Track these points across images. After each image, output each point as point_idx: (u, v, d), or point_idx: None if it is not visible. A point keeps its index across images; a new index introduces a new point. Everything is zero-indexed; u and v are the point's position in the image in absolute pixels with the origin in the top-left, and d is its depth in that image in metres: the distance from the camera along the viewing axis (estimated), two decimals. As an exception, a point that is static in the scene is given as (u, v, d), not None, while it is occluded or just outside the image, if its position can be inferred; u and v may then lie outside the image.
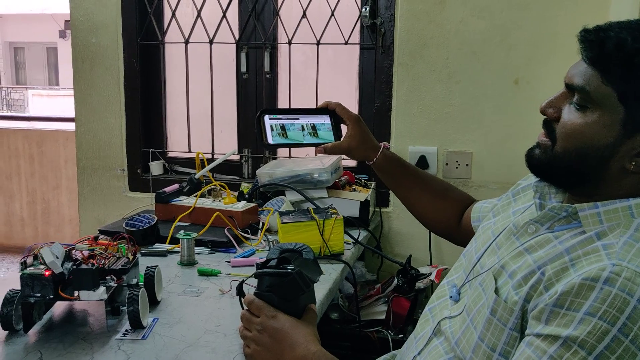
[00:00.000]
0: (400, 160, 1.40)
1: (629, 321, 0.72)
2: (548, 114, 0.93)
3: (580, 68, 0.88)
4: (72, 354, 1.00)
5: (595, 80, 0.85)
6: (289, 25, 2.28)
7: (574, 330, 0.74)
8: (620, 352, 0.71)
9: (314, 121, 1.40)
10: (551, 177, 0.96)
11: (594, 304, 0.74)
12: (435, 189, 1.40)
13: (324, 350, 0.98)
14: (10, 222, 5.03)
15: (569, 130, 0.88)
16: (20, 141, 4.92)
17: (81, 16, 2.39)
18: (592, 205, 0.87)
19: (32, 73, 20.11)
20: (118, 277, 1.13)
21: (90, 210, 2.51)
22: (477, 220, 1.29)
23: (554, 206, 0.92)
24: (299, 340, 0.98)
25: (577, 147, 0.88)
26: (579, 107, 0.88)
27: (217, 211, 1.70)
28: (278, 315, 1.01)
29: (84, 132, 2.46)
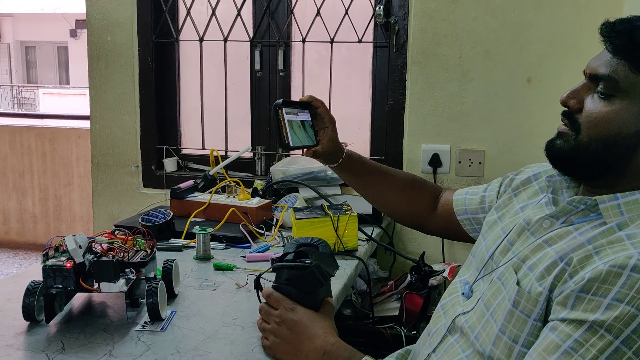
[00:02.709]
0: (362, 158, 1.38)
1: None
2: (570, 105, 0.93)
3: (605, 58, 0.88)
4: (93, 344, 1.02)
5: (623, 69, 0.85)
6: (303, 24, 2.29)
7: (601, 315, 0.74)
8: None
9: (304, 118, 1.29)
10: (573, 168, 0.95)
11: (621, 290, 0.74)
12: (401, 182, 1.39)
13: (342, 341, 1.00)
14: (22, 219, 5.08)
15: (596, 119, 0.88)
16: (32, 139, 4.96)
17: (97, 14, 2.41)
18: (612, 197, 0.87)
19: (43, 72, 20.24)
20: (137, 270, 1.14)
21: (104, 206, 2.53)
22: (464, 213, 1.28)
23: (573, 199, 0.92)
24: (317, 332, 0.99)
25: (604, 136, 0.88)
26: (603, 96, 0.88)
27: (232, 207, 1.71)
28: (296, 308, 1.02)
29: (98, 129, 2.49)
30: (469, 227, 1.29)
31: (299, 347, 0.99)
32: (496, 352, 0.89)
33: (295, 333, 1.00)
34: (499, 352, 0.89)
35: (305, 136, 1.27)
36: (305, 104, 1.29)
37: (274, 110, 1.22)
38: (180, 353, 1.00)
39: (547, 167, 1.08)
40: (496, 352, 0.89)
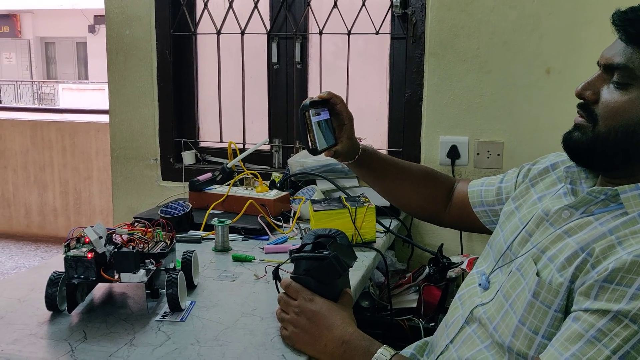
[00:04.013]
0: (377, 152, 1.37)
1: None
2: (586, 96, 0.92)
3: (619, 48, 0.88)
4: (114, 334, 1.03)
5: (638, 57, 0.85)
6: (320, 16, 2.28)
7: (626, 305, 0.74)
8: None
9: (324, 117, 1.25)
10: (592, 159, 0.94)
11: None
12: (416, 176, 1.38)
13: (361, 331, 1.00)
14: (43, 213, 5.14)
15: (613, 109, 0.88)
16: (53, 133, 5.02)
17: (115, 8, 2.43)
18: (634, 186, 0.87)
19: (62, 67, 20.46)
20: (157, 260, 1.16)
21: (124, 199, 2.56)
22: (480, 205, 1.27)
23: (593, 189, 0.91)
24: (336, 322, 1.00)
25: (623, 125, 0.87)
26: (620, 86, 0.88)
27: (250, 199, 1.72)
28: (315, 298, 1.02)
29: (117, 123, 2.51)
30: (485, 219, 1.28)
31: (318, 337, 0.99)
32: (516, 343, 0.89)
33: (314, 323, 1.00)
34: (519, 343, 0.88)
35: (327, 136, 1.24)
36: (324, 101, 1.25)
37: (301, 113, 1.18)
38: (200, 343, 1.01)
39: (564, 156, 1.07)
40: (516, 344, 0.89)
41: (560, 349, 0.79)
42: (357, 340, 0.97)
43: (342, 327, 0.99)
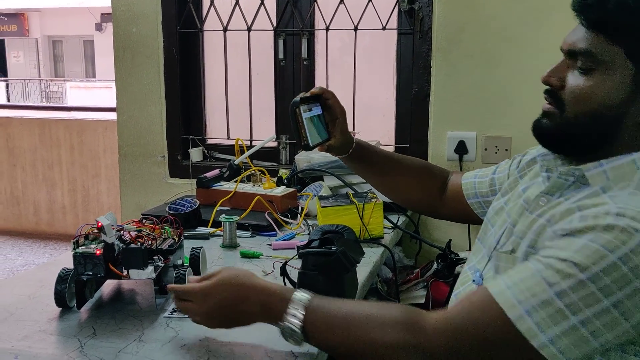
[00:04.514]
0: (370, 146, 1.36)
1: (631, 253, 0.74)
2: (552, 83, 0.93)
3: (580, 33, 0.89)
4: (123, 330, 1.04)
5: (600, 41, 0.86)
6: (327, 12, 2.28)
7: (574, 253, 0.77)
8: (616, 277, 0.74)
9: (316, 112, 1.25)
10: (564, 145, 0.95)
11: (598, 234, 0.77)
12: (410, 169, 1.38)
13: (268, 282, 0.99)
14: (52, 210, 5.17)
15: (579, 95, 0.89)
16: (61, 131, 5.04)
17: (122, 6, 2.43)
18: (597, 164, 0.88)
19: (69, 65, 20.55)
20: (165, 257, 1.16)
21: (131, 196, 2.57)
22: (474, 197, 1.28)
23: (562, 171, 0.93)
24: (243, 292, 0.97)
25: (590, 110, 0.88)
26: (584, 71, 0.89)
27: (258, 196, 1.72)
28: (207, 295, 0.99)
29: (125, 120, 2.52)
30: (479, 211, 1.28)
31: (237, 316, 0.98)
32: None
33: (226, 309, 0.97)
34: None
35: (320, 131, 1.24)
36: (316, 96, 1.25)
37: (291, 109, 1.18)
38: (209, 339, 1.01)
39: None
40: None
41: (505, 277, 0.82)
42: (273, 294, 0.95)
43: (252, 290, 0.96)
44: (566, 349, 0.76)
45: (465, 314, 0.83)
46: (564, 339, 0.75)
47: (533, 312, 0.77)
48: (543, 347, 0.76)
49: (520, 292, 0.79)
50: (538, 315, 0.76)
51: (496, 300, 0.80)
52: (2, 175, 5.21)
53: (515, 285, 0.79)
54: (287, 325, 0.91)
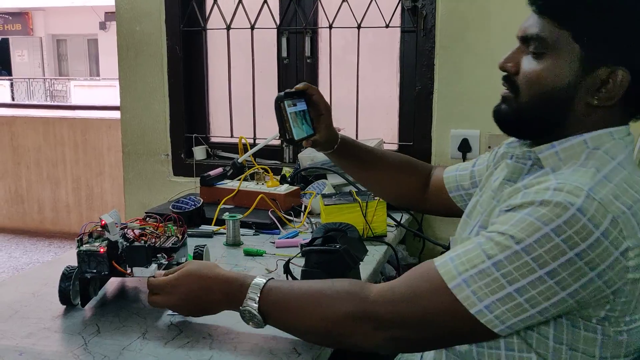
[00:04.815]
0: (355, 142, 1.38)
1: (565, 225, 0.77)
2: (508, 69, 0.96)
3: (532, 20, 0.92)
4: (127, 328, 1.04)
5: (548, 26, 0.89)
6: (330, 10, 2.28)
7: (511, 226, 0.81)
8: (550, 248, 0.78)
9: (301, 107, 1.25)
10: (521, 129, 0.98)
11: (535, 208, 0.80)
12: (395, 164, 1.39)
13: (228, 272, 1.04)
14: (56, 208, 5.18)
15: (532, 78, 0.92)
16: (65, 130, 5.05)
17: (126, 5, 2.44)
18: (549, 145, 0.91)
19: (73, 64, 20.59)
20: (169, 255, 1.16)
21: (135, 194, 2.57)
22: (456, 189, 1.29)
23: (517, 155, 0.96)
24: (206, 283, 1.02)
25: (541, 92, 0.91)
26: (536, 56, 0.92)
27: (261, 194, 1.73)
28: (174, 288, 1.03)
29: (128, 119, 2.52)
30: (462, 204, 1.29)
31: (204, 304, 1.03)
32: None
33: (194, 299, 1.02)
34: None
35: (305, 126, 1.24)
36: (301, 92, 1.26)
37: (276, 103, 1.18)
38: (212, 336, 1.02)
39: None
40: None
41: (450, 251, 0.87)
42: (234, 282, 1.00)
43: (214, 280, 1.01)
44: (502, 315, 0.80)
45: (409, 284, 0.88)
46: (501, 307, 0.80)
47: (471, 282, 0.81)
48: (480, 314, 0.80)
49: (461, 263, 0.83)
50: (476, 285, 0.81)
51: (438, 271, 0.84)
52: (6, 174, 5.23)
53: (458, 257, 0.84)
54: (246, 308, 0.96)
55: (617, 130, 0.89)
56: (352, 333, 0.90)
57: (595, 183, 0.81)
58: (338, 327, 0.91)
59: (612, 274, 0.78)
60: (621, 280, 0.79)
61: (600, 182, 0.82)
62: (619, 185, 0.82)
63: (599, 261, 0.77)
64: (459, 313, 0.82)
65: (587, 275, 0.78)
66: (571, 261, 0.77)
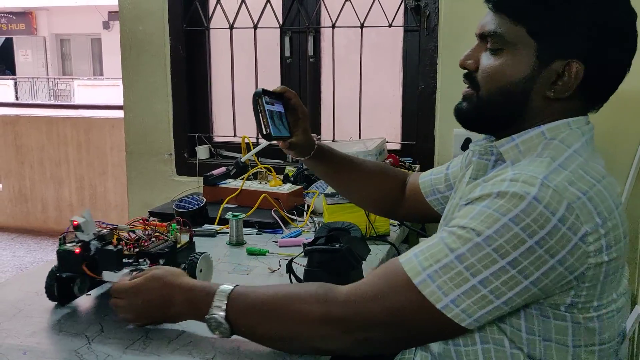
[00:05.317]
0: (331, 149, 1.35)
1: (523, 214, 0.78)
2: (468, 66, 0.98)
3: (489, 17, 0.94)
4: (130, 327, 1.04)
5: (504, 23, 0.91)
6: (333, 9, 2.28)
7: (471, 219, 0.82)
8: (509, 238, 0.78)
9: (279, 109, 1.22)
10: (482, 124, 1.00)
11: (492, 200, 0.82)
12: (371, 171, 1.38)
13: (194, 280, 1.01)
14: (59, 208, 5.19)
15: (489, 73, 0.94)
16: (68, 129, 5.06)
17: (129, 5, 2.44)
18: (509, 139, 0.93)
19: (77, 64, 20.61)
20: (153, 260, 1.12)
21: (139, 194, 2.58)
22: (432, 193, 1.28)
23: (480, 151, 0.98)
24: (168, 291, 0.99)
25: (499, 87, 0.93)
26: (494, 51, 0.93)
27: (264, 193, 1.73)
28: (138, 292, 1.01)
29: (132, 118, 2.53)
30: (439, 207, 1.28)
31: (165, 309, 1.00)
32: None
33: (154, 311, 1.00)
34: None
35: (282, 127, 1.21)
36: (279, 95, 1.23)
37: (253, 99, 1.16)
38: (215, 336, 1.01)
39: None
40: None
41: (414, 248, 0.87)
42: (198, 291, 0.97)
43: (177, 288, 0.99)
44: (469, 308, 0.80)
45: (374, 283, 0.88)
46: (466, 300, 0.80)
47: (435, 277, 0.81)
48: (447, 309, 0.81)
49: (425, 259, 0.83)
50: (440, 279, 0.81)
51: (403, 268, 0.85)
52: (10, 173, 5.24)
53: (422, 253, 0.84)
54: (212, 316, 0.93)
55: (574, 120, 0.91)
56: (321, 336, 0.89)
57: (550, 171, 0.82)
58: (306, 331, 0.89)
59: (573, 259, 0.79)
60: (583, 265, 0.80)
61: (555, 170, 0.83)
62: (574, 171, 0.83)
63: (559, 248, 0.78)
64: (425, 309, 0.82)
65: (548, 263, 0.79)
66: (531, 249, 0.78)
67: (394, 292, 0.84)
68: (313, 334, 0.89)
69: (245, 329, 0.94)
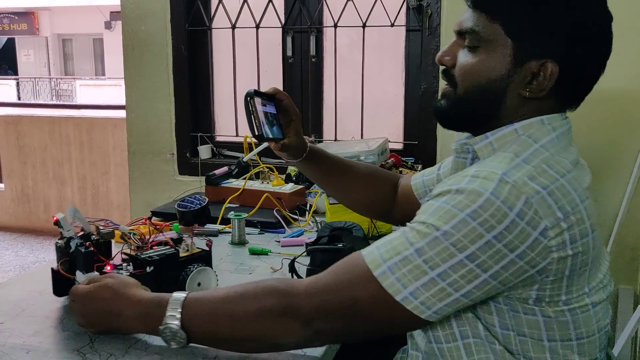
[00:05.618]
0: (324, 151, 1.35)
1: (480, 209, 0.79)
2: (445, 62, 0.97)
3: (467, 14, 0.94)
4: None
5: (482, 20, 0.91)
6: (335, 9, 2.28)
7: (430, 215, 0.83)
8: (467, 232, 0.79)
9: (271, 110, 1.21)
10: (459, 122, 0.99)
11: (452, 196, 0.82)
12: (364, 174, 1.37)
13: (146, 292, 0.99)
14: (62, 208, 5.20)
15: (466, 71, 0.93)
16: (71, 129, 5.07)
17: (131, 5, 2.44)
18: (483, 136, 0.93)
19: (79, 64, 20.63)
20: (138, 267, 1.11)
21: (141, 193, 2.58)
22: (425, 195, 1.27)
23: (457, 148, 0.99)
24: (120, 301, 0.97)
25: (475, 84, 0.93)
26: (471, 49, 0.93)
27: (266, 193, 1.73)
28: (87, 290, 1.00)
29: (134, 118, 2.53)
30: None
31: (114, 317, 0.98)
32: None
33: (104, 321, 0.99)
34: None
35: (275, 129, 1.21)
36: (271, 96, 1.23)
37: (245, 100, 1.16)
38: (218, 334, 1.01)
39: None
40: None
41: (378, 241, 0.87)
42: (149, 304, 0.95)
43: (128, 301, 0.97)
44: (427, 301, 0.81)
45: (335, 274, 0.88)
46: (425, 292, 0.80)
47: (395, 269, 0.82)
48: (406, 300, 0.81)
49: (386, 251, 0.83)
50: (400, 272, 0.81)
51: (364, 259, 0.85)
52: (13, 173, 5.25)
53: (383, 246, 0.85)
54: (166, 326, 0.91)
55: (549, 117, 0.91)
56: (282, 331, 0.87)
57: (511, 167, 0.83)
58: (267, 328, 0.88)
59: (533, 254, 0.79)
60: (545, 259, 0.80)
61: (516, 166, 0.83)
62: (537, 166, 0.83)
63: (518, 242, 0.78)
64: (385, 301, 0.82)
65: (507, 257, 0.79)
66: (489, 244, 0.78)
67: (354, 283, 0.85)
68: (274, 329, 0.88)
69: (203, 334, 0.92)
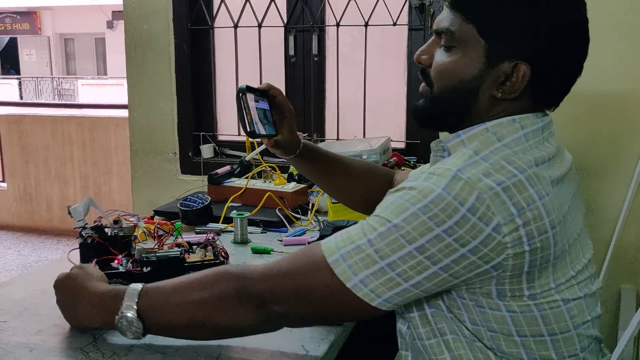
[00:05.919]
0: (318, 148, 1.34)
1: (431, 204, 0.80)
2: (422, 61, 0.98)
3: (445, 14, 0.95)
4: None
5: (458, 20, 0.92)
6: (337, 8, 2.28)
7: (384, 209, 0.85)
8: (417, 225, 0.81)
9: (264, 107, 1.20)
10: (435, 122, 1.01)
11: (406, 191, 0.84)
12: (358, 170, 1.37)
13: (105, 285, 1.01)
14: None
15: (442, 70, 0.94)
16: (73, 128, 5.07)
17: (133, 4, 2.44)
18: (456, 135, 0.94)
19: (81, 63, 20.65)
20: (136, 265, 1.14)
21: (143, 193, 2.58)
22: None
23: (432, 147, 1.00)
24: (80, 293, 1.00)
25: (449, 84, 0.94)
26: (447, 48, 0.94)
27: (269, 192, 1.73)
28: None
29: (136, 117, 2.53)
30: None
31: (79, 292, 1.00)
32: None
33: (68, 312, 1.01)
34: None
35: (267, 126, 1.20)
36: (264, 92, 1.22)
37: (237, 95, 1.14)
38: (220, 333, 1.01)
39: None
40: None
41: (337, 233, 0.89)
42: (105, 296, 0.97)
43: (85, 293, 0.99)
44: (377, 289, 0.83)
45: (292, 260, 0.91)
46: (375, 281, 0.83)
47: (347, 257, 0.84)
48: (356, 287, 0.83)
49: (341, 240, 0.86)
50: (352, 259, 0.84)
51: (321, 247, 0.87)
52: (15, 172, 5.26)
53: (340, 235, 0.87)
54: (122, 316, 0.92)
55: (521, 117, 0.91)
56: (233, 314, 0.90)
57: (468, 164, 0.84)
58: (222, 312, 0.90)
59: (486, 250, 0.80)
60: (500, 255, 0.80)
61: (473, 163, 0.84)
62: (495, 163, 0.84)
63: (470, 237, 0.79)
64: (336, 287, 0.84)
65: (458, 251, 0.80)
66: (439, 237, 0.80)
67: (309, 269, 0.87)
68: (229, 313, 0.90)
69: (160, 323, 0.93)
